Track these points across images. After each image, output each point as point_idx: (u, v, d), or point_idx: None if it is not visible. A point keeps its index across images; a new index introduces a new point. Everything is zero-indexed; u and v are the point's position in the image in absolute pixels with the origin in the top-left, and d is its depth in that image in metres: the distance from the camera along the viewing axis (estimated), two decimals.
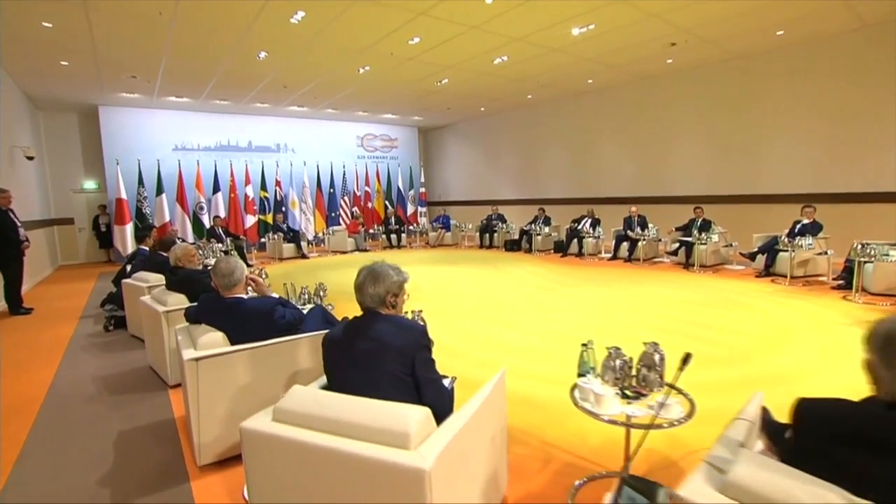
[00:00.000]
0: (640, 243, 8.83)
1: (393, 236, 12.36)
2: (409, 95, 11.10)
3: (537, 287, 6.77)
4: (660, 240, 8.69)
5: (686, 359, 1.59)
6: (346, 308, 2.43)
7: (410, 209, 15.15)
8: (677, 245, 8.22)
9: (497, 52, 8.21)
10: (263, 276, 5.45)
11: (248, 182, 12.16)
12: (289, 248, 10.80)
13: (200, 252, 7.24)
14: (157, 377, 3.53)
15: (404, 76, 9.44)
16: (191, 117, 11.69)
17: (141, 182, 10.82)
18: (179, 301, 3.35)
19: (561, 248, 10.31)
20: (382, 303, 1.80)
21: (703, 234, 7.66)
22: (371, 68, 8.84)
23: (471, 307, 5.65)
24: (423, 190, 15.62)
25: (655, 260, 8.80)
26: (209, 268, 3.58)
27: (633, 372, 2.02)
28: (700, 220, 8.35)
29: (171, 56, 7.63)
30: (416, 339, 1.71)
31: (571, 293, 6.32)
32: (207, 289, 3.29)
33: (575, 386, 2.06)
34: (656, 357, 2.01)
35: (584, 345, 2.17)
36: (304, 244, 11.07)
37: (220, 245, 8.93)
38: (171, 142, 11.53)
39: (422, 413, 1.40)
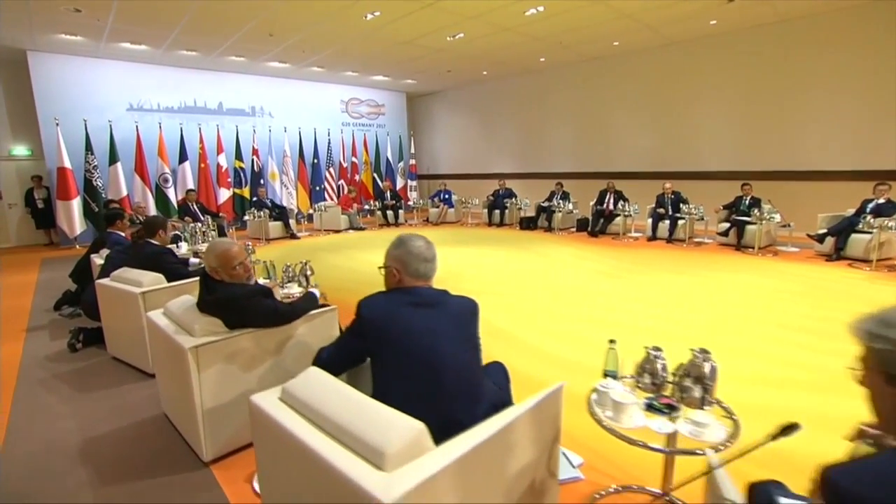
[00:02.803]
0: (680, 223, 8.10)
1: (389, 213, 11.04)
2: (411, 53, 9.66)
3: (598, 273, 5.82)
4: (702, 218, 7.93)
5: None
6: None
7: (400, 183, 13.80)
8: (728, 225, 7.50)
9: (535, 1, 7.01)
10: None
11: (220, 150, 10.41)
12: (275, 226, 9.30)
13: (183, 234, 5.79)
14: (180, 438, 2.28)
15: (416, 27, 8.03)
16: (149, 71, 9.73)
17: (89, 148, 8.90)
18: (213, 327, 2.09)
19: (585, 226, 9.45)
20: None
21: (766, 214, 6.94)
22: (381, 14, 7.38)
23: (544, 301, 4.61)
24: (413, 162, 14.27)
25: (697, 240, 8.06)
26: (255, 279, 2.33)
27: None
28: (748, 198, 7.67)
29: None
30: None
31: (645, 281, 5.41)
32: (268, 316, 2.07)
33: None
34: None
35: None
36: (292, 222, 9.59)
37: (198, 225, 7.36)
38: (124, 100, 9.57)
39: None
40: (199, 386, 1.99)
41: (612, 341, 1.82)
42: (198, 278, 3.21)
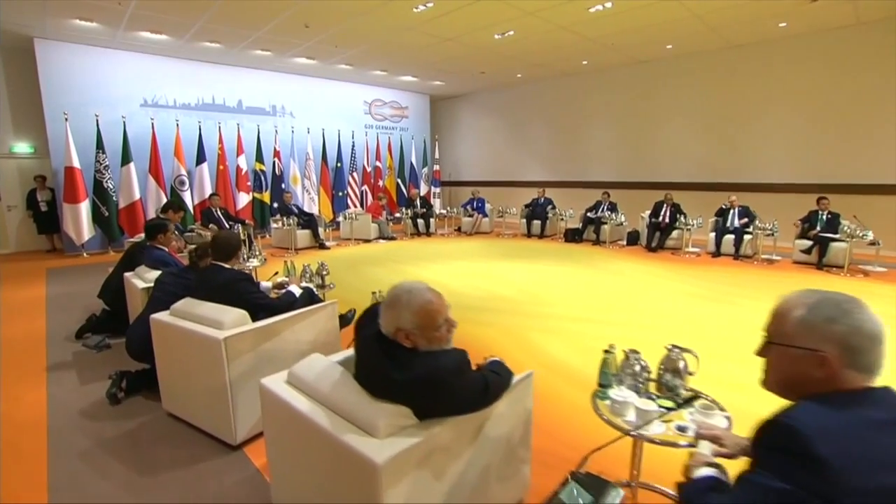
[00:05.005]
0: (746, 238, 7.50)
1: (420, 221, 10.31)
2: (452, 51, 8.97)
3: (696, 296, 5.13)
4: (772, 234, 7.31)
5: None
6: None
7: (423, 189, 13.08)
8: (810, 242, 6.88)
9: None
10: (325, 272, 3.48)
11: (240, 151, 9.64)
12: (303, 235, 8.53)
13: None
14: None
15: (467, 21, 7.37)
16: (165, 64, 8.96)
17: (100, 146, 8.09)
18: (401, 420, 1.36)
19: (635, 240, 8.82)
20: None
21: (857, 231, 6.35)
22: (433, 6, 6.71)
23: (677, 336, 3.89)
24: (437, 168, 13.57)
25: (764, 257, 7.42)
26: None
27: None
28: (826, 213, 7.08)
29: None
30: None
31: (760, 307, 4.72)
32: (477, 397, 1.37)
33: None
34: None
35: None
36: (321, 230, 8.82)
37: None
38: (138, 95, 8.78)
39: None
40: None
41: None
42: (288, 315, 2.49)
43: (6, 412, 2.72)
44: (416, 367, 1.35)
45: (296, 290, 2.87)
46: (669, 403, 1.70)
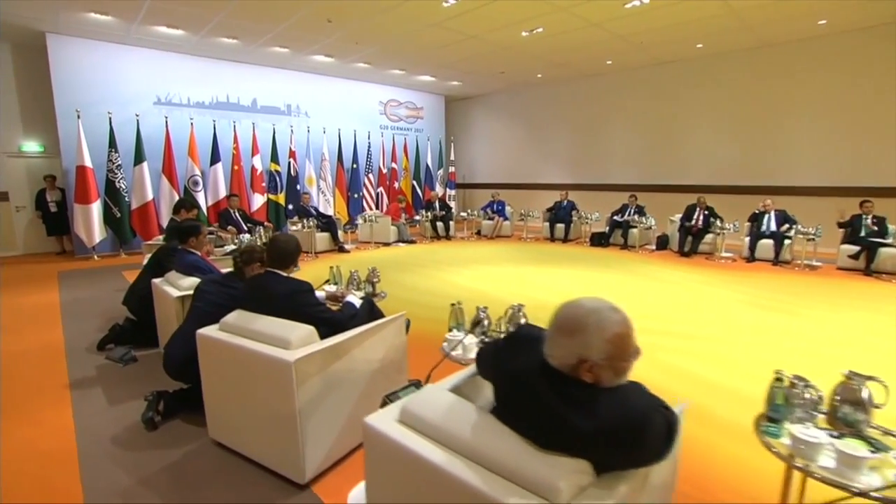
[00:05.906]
0: (785, 243, 7.21)
1: (439, 224, 10.00)
2: (475, 49, 8.68)
3: (753, 305, 4.81)
4: (812, 238, 7.01)
5: None
6: None
7: (439, 191, 12.78)
8: (858, 248, 6.58)
9: None
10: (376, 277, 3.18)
11: (255, 151, 9.35)
12: (322, 238, 8.23)
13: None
14: None
15: (497, 17, 7.09)
16: (179, 61, 8.67)
17: (113, 145, 7.79)
18: (581, 479, 1.03)
19: (664, 244, 8.53)
20: None
21: None
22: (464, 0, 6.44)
23: (768, 354, 3.59)
24: (452, 169, 13.27)
25: (805, 262, 7.10)
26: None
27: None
28: (870, 217, 6.79)
29: None
30: None
31: (818, 317, 4.41)
32: (660, 444, 1.08)
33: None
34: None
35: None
36: (340, 233, 8.52)
37: (246, 236, 6.30)
38: (151, 92, 8.49)
39: None
40: None
41: None
42: (358, 330, 2.18)
43: (31, 439, 2.40)
44: (603, 410, 1.03)
45: (355, 301, 2.56)
46: (864, 444, 1.39)
